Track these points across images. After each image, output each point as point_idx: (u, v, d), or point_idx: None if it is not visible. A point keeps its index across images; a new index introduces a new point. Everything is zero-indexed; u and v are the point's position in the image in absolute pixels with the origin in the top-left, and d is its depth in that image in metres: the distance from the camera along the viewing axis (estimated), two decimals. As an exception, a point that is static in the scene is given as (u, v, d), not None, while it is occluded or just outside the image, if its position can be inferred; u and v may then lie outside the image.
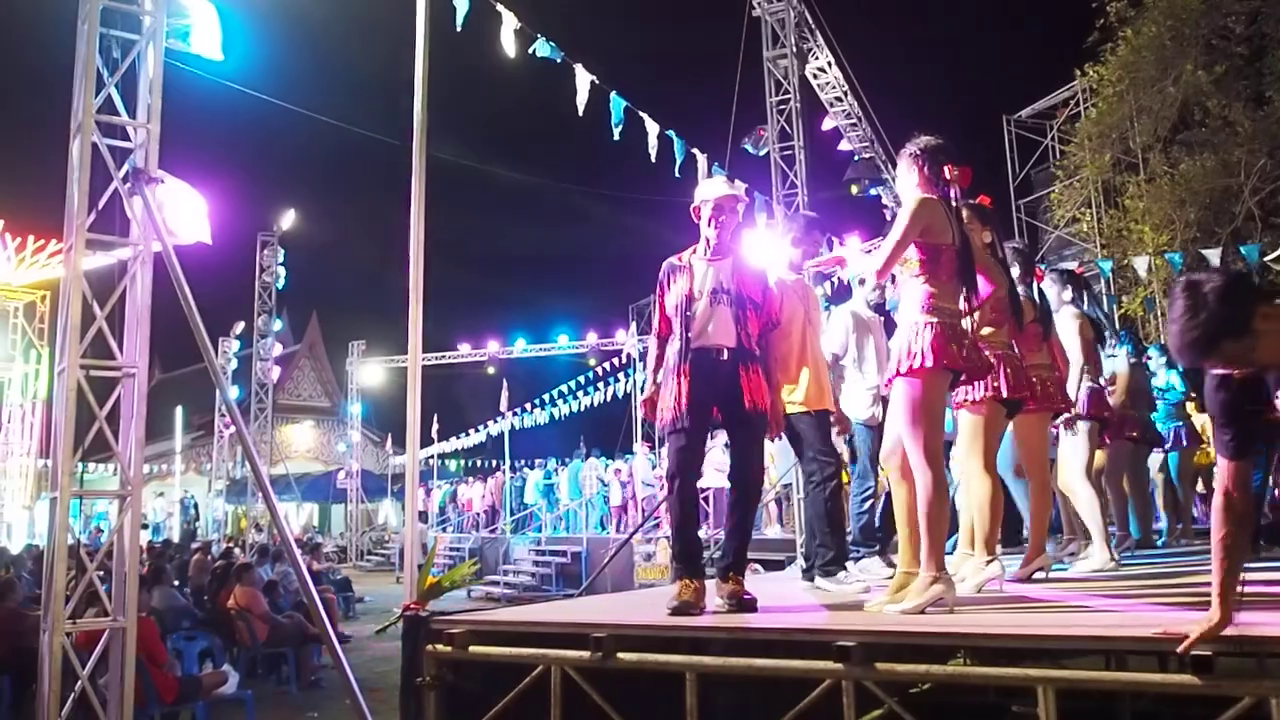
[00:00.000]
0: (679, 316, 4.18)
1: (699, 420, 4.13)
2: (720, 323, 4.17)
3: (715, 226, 4.27)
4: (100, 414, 5.29)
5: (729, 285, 4.23)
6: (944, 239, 3.75)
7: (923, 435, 3.62)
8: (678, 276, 4.26)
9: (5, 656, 7.66)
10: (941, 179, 3.85)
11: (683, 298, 4.19)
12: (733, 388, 4.13)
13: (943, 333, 3.65)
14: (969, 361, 3.75)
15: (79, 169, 5.29)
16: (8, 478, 21.83)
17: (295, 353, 41.32)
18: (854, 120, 16.45)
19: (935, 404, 3.68)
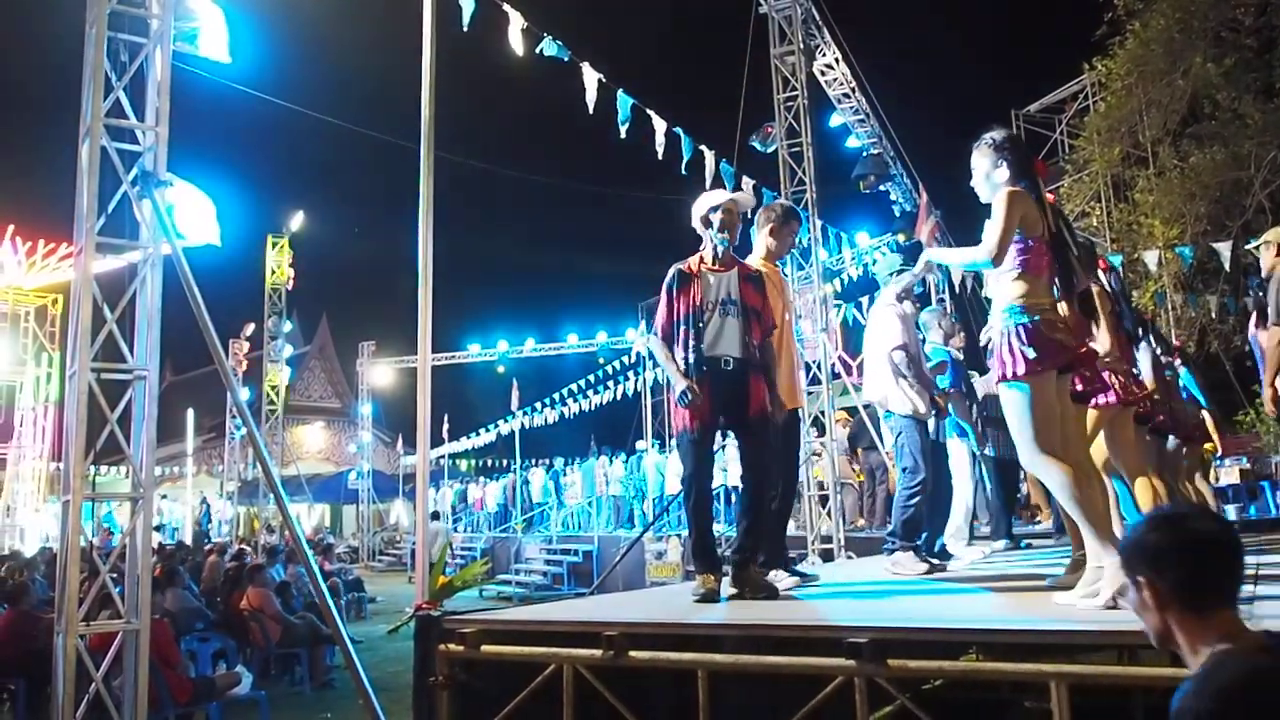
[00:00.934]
0: (689, 326, 4.28)
1: (711, 428, 4.31)
2: (729, 333, 4.32)
3: (720, 235, 4.42)
4: (111, 417, 5.31)
5: (735, 296, 4.35)
6: (1036, 232, 3.67)
7: (1033, 437, 3.52)
8: (688, 285, 4.35)
9: (19, 659, 7.70)
10: (1029, 171, 3.77)
11: (693, 308, 4.30)
12: (740, 395, 4.30)
13: (1042, 331, 3.55)
14: (1071, 355, 3.66)
15: (88, 172, 5.31)
16: (20, 481, 21.96)
17: (306, 354, 41.43)
18: (862, 116, 16.40)
19: (1043, 404, 3.56)
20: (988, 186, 3.83)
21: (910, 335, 5.63)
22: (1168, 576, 1.82)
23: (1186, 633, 1.81)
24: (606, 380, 26.62)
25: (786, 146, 12.78)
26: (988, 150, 3.83)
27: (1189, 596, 1.81)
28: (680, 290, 4.35)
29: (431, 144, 5.52)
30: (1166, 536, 1.84)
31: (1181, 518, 1.88)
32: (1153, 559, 1.85)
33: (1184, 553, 1.82)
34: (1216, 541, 1.82)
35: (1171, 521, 1.87)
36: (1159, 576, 1.83)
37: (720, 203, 4.45)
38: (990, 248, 3.62)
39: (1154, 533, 1.87)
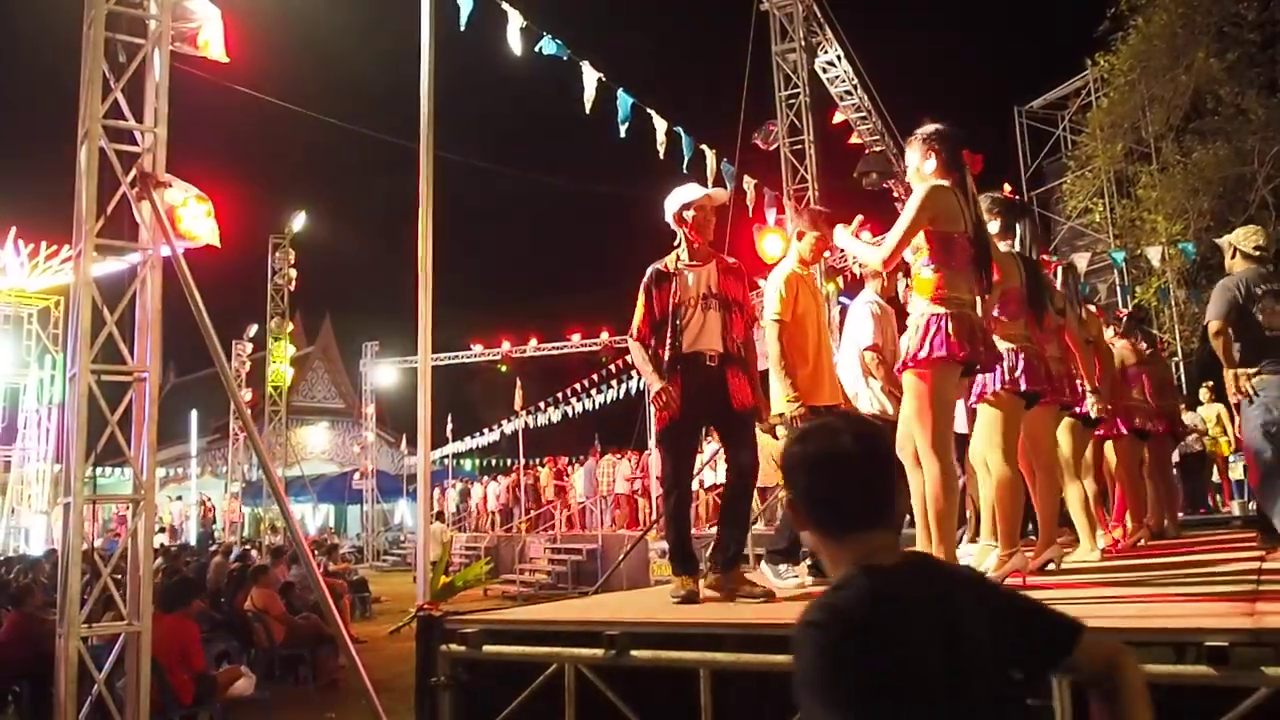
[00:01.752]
0: (667, 325, 4.26)
1: (692, 425, 4.32)
2: (709, 328, 4.30)
3: (696, 231, 4.37)
4: (112, 419, 5.31)
5: (715, 289, 4.31)
6: (955, 227, 3.69)
7: (930, 427, 3.59)
8: (665, 284, 4.33)
9: (24, 661, 7.70)
10: (959, 164, 3.79)
11: (671, 306, 4.28)
12: (721, 390, 4.26)
13: (952, 324, 3.59)
14: (981, 352, 3.69)
15: (86, 174, 5.31)
16: (25, 483, 21.99)
17: (309, 354, 41.46)
18: (864, 113, 16.38)
19: (944, 396, 3.64)
20: (918, 180, 3.85)
21: (886, 335, 5.59)
22: (801, 491, 1.73)
23: (825, 550, 1.73)
24: (610, 379, 26.62)
25: (788, 144, 12.78)
26: (918, 144, 3.86)
27: (821, 514, 1.72)
28: (659, 289, 4.34)
29: (431, 143, 5.51)
30: (801, 451, 1.73)
31: (821, 431, 1.74)
32: (790, 472, 1.76)
33: (815, 469, 1.71)
34: (850, 459, 1.68)
35: (810, 435, 1.75)
36: (794, 490, 1.75)
37: (693, 200, 4.40)
38: (887, 248, 3.71)
39: (795, 445, 1.76)
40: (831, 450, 1.69)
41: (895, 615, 1.59)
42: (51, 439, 21.16)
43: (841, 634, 1.56)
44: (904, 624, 1.58)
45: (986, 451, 4.34)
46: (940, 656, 1.57)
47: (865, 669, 1.52)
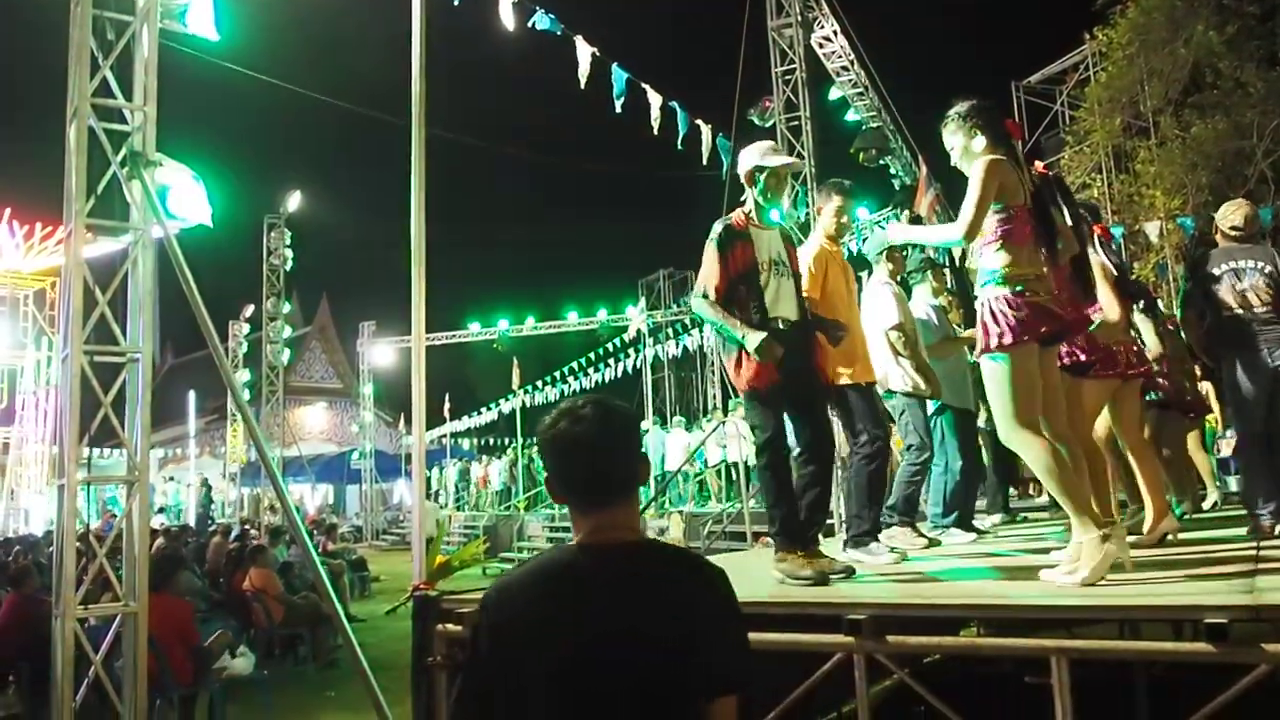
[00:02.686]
0: (746, 286, 4.08)
1: (781, 388, 4.08)
2: (784, 294, 4.17)
3: (769, 196, 4.24)
4: (106, 400, 5.28)
5: (784, 257, 4.21)
6: (1016, 200, 3.61)
7: (1012, 410, 3.49)
8: (740, 244, 4.13)
9: (23, 642, 7.71)
10: (1006, 135, 3.70)
11: (749, 267, 4.10)
12: (802, 358, 4.13)
13: (1025, 302, 3.49)
14: (1058, 324, 3.59)
15: (75, 153, 5.25)
16: (24, 464, 22.01)
17: (306, 335, 41.40)
18: (861, 89, 16.26)
19: (1025, 377, 3.52)
20: (967, 163, 3.76)
21: (906, 313, 5.57)
22: (546, 467, 1.87)
23: (572, 523, 1.86)
24: (607, 358, 26.61)
25: (785, 120, 12.70)
26: (958, 124, 3.76)
27: (557, 489, 1.85)
28: (730, 248, 4.10)
29: (423, 121, 5.46)
30: (545, 430, 1.85)
31: (564, 412, 1.84)
32: (539, 448, 1.92)
33: (549, 449, 1.84)
34: (581, 440, 1.79)
35: (555, 416, 1.86)
36: (544, 466, 1.89)
37: (773, 165, 4.22)
38: (964, 224, 3.58)
39: (543, 423, 1.87)
40: (567, 431, 1.80)
41: (545, 594, 1.73)
42: (49, 420, 21.15)
43: (494, 604, 1.77)
44: (548, 604, 1.72)
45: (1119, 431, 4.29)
46: (580, 638, 1.67)
47: (491, 642, 1.73)
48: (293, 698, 8.11)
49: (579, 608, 1.71)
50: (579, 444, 1.79)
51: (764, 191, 4.24)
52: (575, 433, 1.79)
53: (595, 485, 1.82)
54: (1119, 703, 3.70)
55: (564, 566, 1.79)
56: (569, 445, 1.80)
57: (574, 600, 1.72)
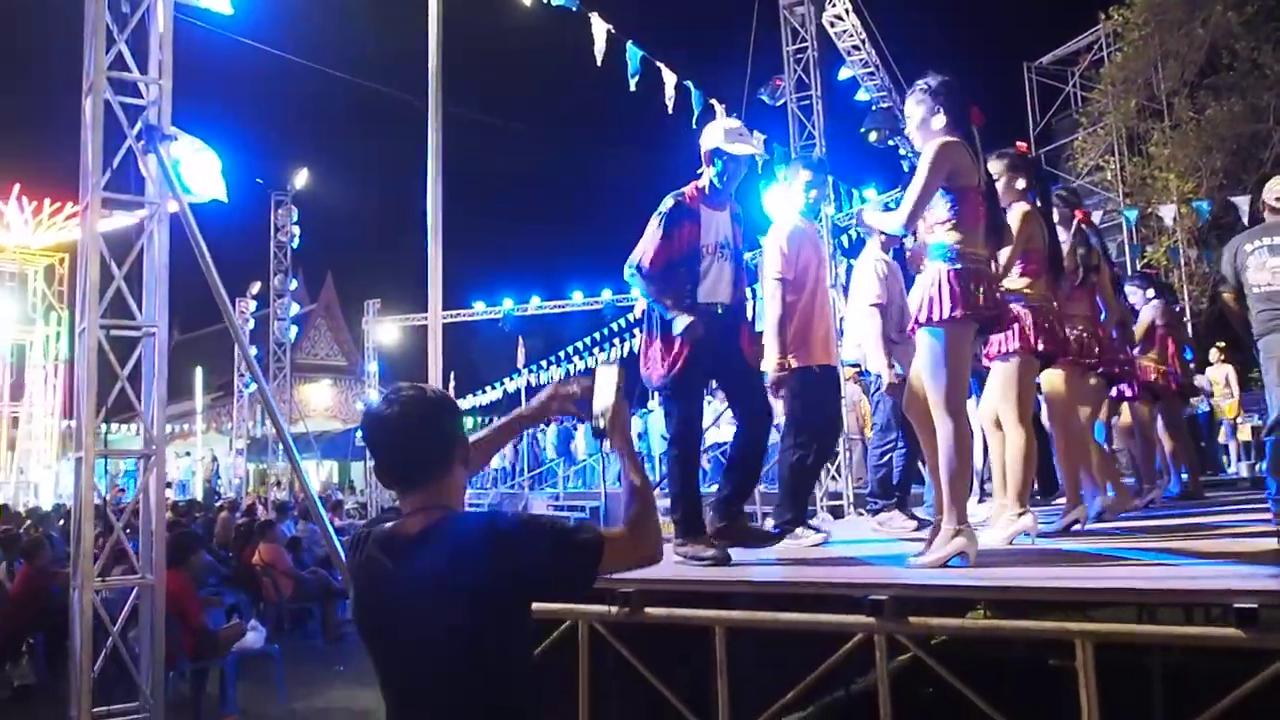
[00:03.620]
0: (687, 269, 4.02)
1: (704, 376, 4.11)
2: (724, 278, 4.11)
3: (725, 180, 4.14)
4: (122, 374, 5.29)
5: (729, 238, 4.15)
6: (969, 182, 3.61)
7: (944, 386, 3.54)
8: (688, 224, 4.05)
9: (37, 614, 7.78)
10: (966, 120, 3.69)
11: (690, 250, 4.03)
12: (733, 344, 4.10)
13: (966, 280, 3.52)
14: (994, 308, 3.62)
15: (92, 127, 5.23)
16: (33, 439, 22.10)
17: (311, 312, 41.42)
18: (871, 69, 16.14)
19: (958, 354, 3.57)
20: (921, 135, 3.74)
21: (892, 291, 5.53)
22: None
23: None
24: (612, 338, 26.58)
25: (796, 100, 12.61)
26: (922, 96, 3.73)
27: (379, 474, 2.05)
28: (677, 226, 4.03)
29: (439, 98, 5.44)
30: (363, 414, 2.13)
31: (380, 399, 2.01)
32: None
33: (364, 433, 2.02)
34: (378, 427, 1.96)
35: (372, 402, 2.14)
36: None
37: (733, 152, 4.11)
38: (905, 213, 3.60)
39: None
40: (371, 418, 1.99)
41: (364, 561, 1.95)
42: (58, 395, 21.24)
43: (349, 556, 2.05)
44: (363, 572, 1.96)
45: (1000, 410, 4.31)
46: (375, 611, 1.93)
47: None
48: (303, 671, 8.16)
49: (379, 599, 1.93)
50: (378, 430, 1.97)
51: (720, 175, 4.13)
52: (378, 419, 1.97)
53: (390, 471, 2.01)
54: (1134, 687, 3.71)
55: (373, 559, 1.94)
56: (372, 430, 1.99)
57: (375, 589, 1.94)
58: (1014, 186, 4.39)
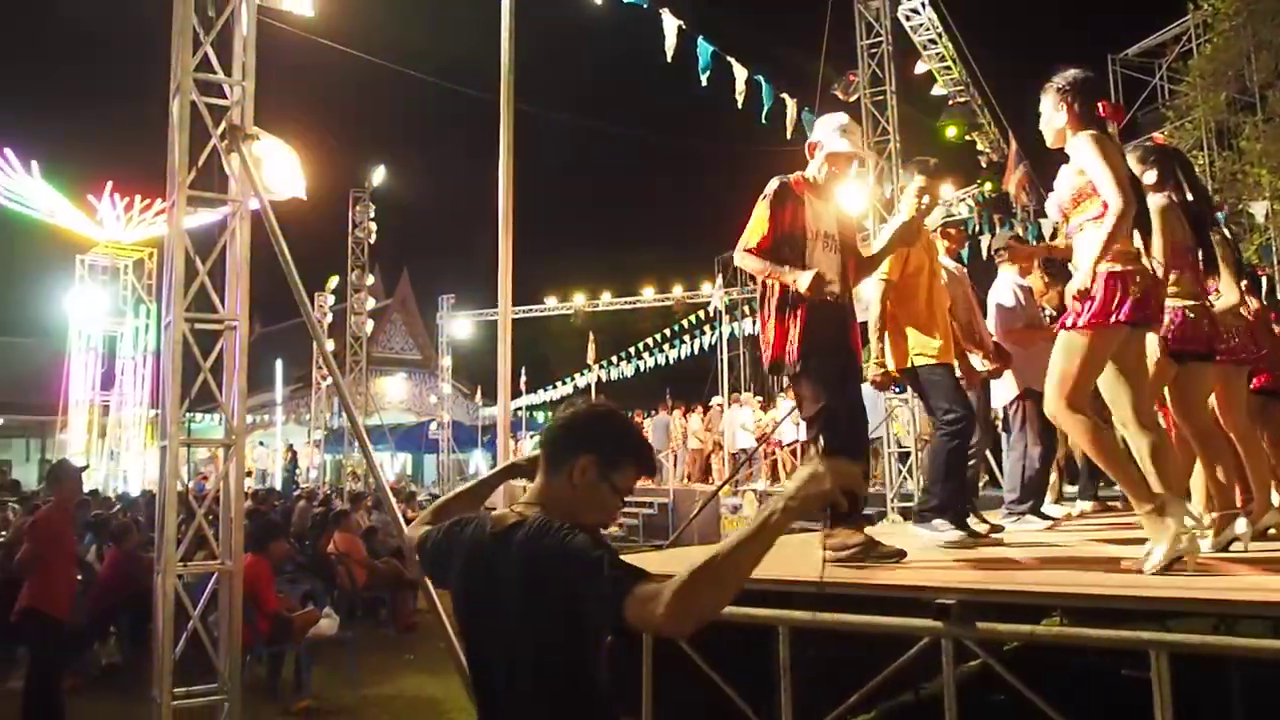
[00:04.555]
0: (791, 249, 3.99)
1: (833, 361, 4.02)
2: (830, 269, 4.05)
3: (827, 174, 4.14)
4: (205, 365, 5.46)
5: (834, 231, 4.13)
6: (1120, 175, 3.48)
7: (1069, 387, 3.41)
8: (793, 205, 4.04)
9: (124, 596, 8.09)
10: (1095, 116, 3.58)
11: (798, 230, 4.01)
12: (843, 334, 4.07)
13: (1125, 282, 3.39)
14: (1148, 311, 3.47)
15: (179, 128, 5.41)
16: (123, 427, 22.91)
17: (387, 307, 42.16)
18: (948, 63, 15.87)
19: (1096, 359, 3.43)
20: (1050, 131, 3.66)
21: (956, 294, 5.43)
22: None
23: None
24: (682, 334, 26.56)
25: (869, 95, 12.45)
26: (1052, 94, 3.64)
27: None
28: (782, 207, 4.01)
29: (511, 96, 5.50)
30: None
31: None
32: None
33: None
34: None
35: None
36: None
37: (837, 150, 4.09)
38: (1116, 200, 3.39)
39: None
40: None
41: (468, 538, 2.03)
42: (147, 385, 21.98)
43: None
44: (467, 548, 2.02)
45: None
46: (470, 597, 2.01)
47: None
48: (374, 659, 8.34)
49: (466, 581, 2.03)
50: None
51: (822, 169, 4.15)
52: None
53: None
54: (1212, 701, 3.60)
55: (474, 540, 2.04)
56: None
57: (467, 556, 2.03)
58: (1145, 179, 4.25)
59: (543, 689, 1.86)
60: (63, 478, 6.47)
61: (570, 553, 1.80)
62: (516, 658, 1.90)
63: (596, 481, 2.00)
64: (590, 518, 2.02)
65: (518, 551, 1.88)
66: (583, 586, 1.77)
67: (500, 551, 1.92)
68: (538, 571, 1.85)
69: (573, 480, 2.00)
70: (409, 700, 7.27)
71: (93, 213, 22.41)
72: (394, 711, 7.00)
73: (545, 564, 1.84)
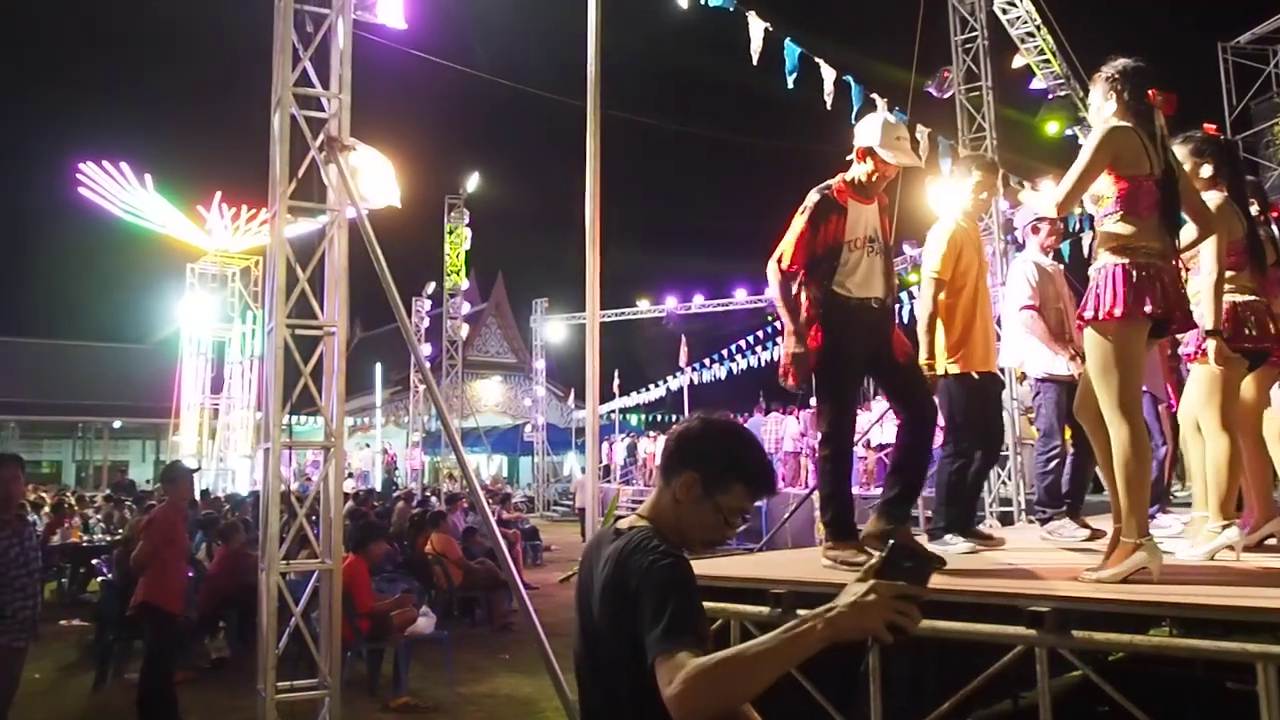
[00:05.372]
0: (825, 263, 3.93)
1: (858, 372, 4.03)
2: (875, 272, 4.00)
3: (873, 179, 4.03)
4: (305, 370, 5.64)
5: (878, 232, 4.05)
6: (1140, 170, 3.40)
7: (1115, 387, 3.34)
8: (835, 217, 3.96)
9: (232, 591, 8.42)
10: (1143, 105, 3.48)
11: (834, 242, 3.94)
12: (887, 340, 4.01)
13: (1137, 275, 3.32)
14: (1171, 309, 3.38)
15: (279, 140, 5.61)
16: (231, 429, 23.85)
17: (482, 311, 42.91)
18: (1048, 56, 15.38)
19: (1128, 353, 3.36)
20: (1100, 121, 3.55)
21: (1047, 292, 5.25)
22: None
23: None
24: (775, 336, 26.37)
25: (964, 91, 12.19)
26: (1099, 83, 3.56)
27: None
28: (824, 220, 3.94)
29: (597, 102, 5.55)
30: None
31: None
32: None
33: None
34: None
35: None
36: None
37: (886, 158, 3.96)
38: (1059, 195, 3.44)
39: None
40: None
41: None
42: (253, 389, 22.84)
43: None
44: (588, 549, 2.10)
45: (1200, 415, 4.03)
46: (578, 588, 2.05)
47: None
48: (470, 658, 8.50)
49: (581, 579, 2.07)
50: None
51: (870, 173, 4.00)
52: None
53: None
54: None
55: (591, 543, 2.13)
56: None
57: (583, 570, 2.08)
58: (1200, 174, 4.11)
59: (628, 690, 1.85)
60: (176, 478, 6.78)
61: (645, 585, 1.78)
62: (601, 658, 1.92)
63: (700, 500, 1.95)
64: (696, 534, 1.99)
65: (611, 559, 1.90)
66: (638, 622, 1.75)
67: (602, 554, 1.95)
68: (618, 589, 1.85)
69: (676, 497, 1.97)
70: (503, 699, 7.37)
71: (202, 222, 23.43)
72: (489, 709, 7.11)
73: (625, 583, 1.83)
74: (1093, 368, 3.48)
